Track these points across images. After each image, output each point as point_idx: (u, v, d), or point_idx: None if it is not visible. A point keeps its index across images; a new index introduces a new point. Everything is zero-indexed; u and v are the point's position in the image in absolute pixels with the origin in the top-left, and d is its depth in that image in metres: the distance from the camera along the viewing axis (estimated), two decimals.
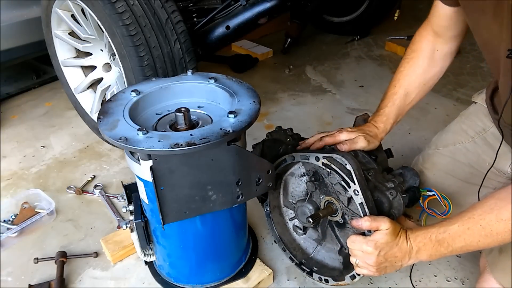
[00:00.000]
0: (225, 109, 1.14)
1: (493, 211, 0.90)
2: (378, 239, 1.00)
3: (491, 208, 0.91)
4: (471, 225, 0.92)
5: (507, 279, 1.08)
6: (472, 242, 0.93)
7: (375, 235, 1.01)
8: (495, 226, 0.89)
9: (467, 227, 0.93)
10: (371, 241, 1.01)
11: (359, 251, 1.04)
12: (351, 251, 1.07)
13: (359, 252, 1.04)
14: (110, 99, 1.15)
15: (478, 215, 0.92)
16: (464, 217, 0.94)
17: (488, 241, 0.92)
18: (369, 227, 1.02)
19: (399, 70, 1.29)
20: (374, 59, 3.06)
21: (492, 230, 0.90)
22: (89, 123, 2.13)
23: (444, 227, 0.96)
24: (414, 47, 1.28)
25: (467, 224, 0.93)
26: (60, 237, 1.62)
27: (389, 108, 1.26)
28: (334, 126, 2.27)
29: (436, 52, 1.26)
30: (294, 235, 1.42)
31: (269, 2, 1.99)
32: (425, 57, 1.27)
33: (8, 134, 2.30)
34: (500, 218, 0.89)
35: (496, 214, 0.89)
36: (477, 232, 0.92)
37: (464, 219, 0.94)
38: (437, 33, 1.24)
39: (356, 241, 1.04)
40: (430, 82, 1.29)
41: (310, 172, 1.25)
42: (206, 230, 1.21)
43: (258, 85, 2.71)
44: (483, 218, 0.91)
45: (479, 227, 0.91)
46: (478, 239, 0.92)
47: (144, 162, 1.00)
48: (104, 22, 1.60)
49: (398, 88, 1.26)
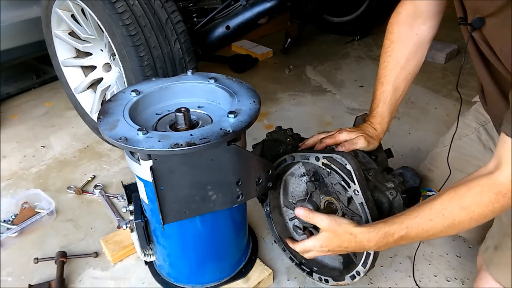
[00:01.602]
0: (225, 109, 1.14)
1: (453, 199, 0.89)
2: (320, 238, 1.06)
3: (451, 197, 0.90)
4: (433, 216, 0.91)
5: (503, 274, 1.08)
6: (434, 233, 0.93)
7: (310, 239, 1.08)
8: (458, 215, 0.88)
9: (429, 219, 0.92)
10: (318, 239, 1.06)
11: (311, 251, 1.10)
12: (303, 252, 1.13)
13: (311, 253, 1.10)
14: (110, 99, 1.15)
15: (439, 205, 0.91)
16: (425, 209, 0.93)
17: (450, 230, 0.92)
18: (303, 217, 1.07)
19: (383, 65, 1.25)
20: (374, 59, 3.06)
21: (455, 219, 0.89)
22: (89, 123, 2.13)
23: (405, 223, 0.95)
24: (392, 37, 1.24)
25: (429, 215, 0.92)
26: (60, 237, 1.62)
27: (381, 107, 1.24)
28: (334, 126, 2.27)
29: (416, 37, 1.22)
30: (294, 235, 1.42)
31: (269, 2, 1.99)
32: (406, 45, 1.22)
33: (8, 134, 2.30)
34: (462, 206, 0.88)
35: (458, 203, 0.88)
36: (440, 222, 0.91)
37: (425, 211, 0.93)
38: (417, 11, 1.20)
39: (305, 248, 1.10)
40: (415, 69, 1.26)
41: (310, 172, 1.25)
42: (206, 230, 1.21)
43: (258, 85, 2.72)
44: (445, 208, 0.90)
45: (442, 217, 0.90)
46: (441, 229, 0.91)
47: (144, 162, 1.00)
48: (104, 22, 1.60)
49: (386, 85, 1.23)
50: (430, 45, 1.26)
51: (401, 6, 1.23)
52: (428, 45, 1.25)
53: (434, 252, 1.51)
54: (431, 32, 1.23)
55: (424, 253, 1.51)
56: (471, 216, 0.88)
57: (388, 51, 1.24)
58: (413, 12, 1.20)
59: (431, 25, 1.22)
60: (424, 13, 1.19)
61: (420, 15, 1.20)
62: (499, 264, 1.10)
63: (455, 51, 3.03)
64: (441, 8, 1.18)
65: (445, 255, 1.51)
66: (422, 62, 1.27)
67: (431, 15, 1.19)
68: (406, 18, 1.22)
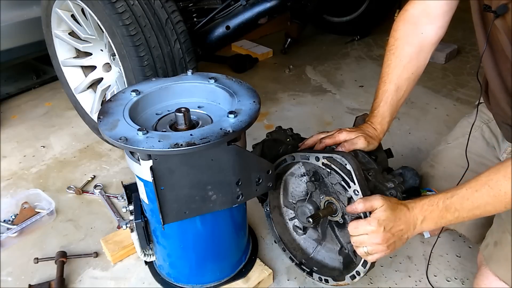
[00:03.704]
0: (225, 109, 1.14)
1: (500, 171, 0.91)
2: (379, 216, 0.98)
3: (498, 169, 0.91)
4: (479, 187, 0.93)
5: (503, 269, 1.09)
6: (480, 205, 0.93)
7: (374, 213, 0.99)
8: (504, 185, 0.89)
9: (475, 189, 0.93)
10: (373, 219, 0.98)
11: (363, 234, 1.01)
12: (356, 240, 1.03)
13: (364, 236, 1.01)
14: (110, 99, 1.15)
15: (485, 177, 0.92)
16: (471, 181, 0.94)
17: (496, 202, 0.92)
18: (364, 209, 1.01)
19: (386, 63, 1.23)
20: (374, 59, 3.06)
21: (501, 189, 0.90)
22: (89, 123, 2.13)
23: (451, 192, 0.96)
24: (396, 35, 1.22)
25: (475, 186, 0.93)
26: (60, 237, 1.62)
27: (383, 107, 1.23)
28: (334, 126, 2.27)
29: (421, 36, 1.20)
30: (294, 235, 1.42)
31: (269, 2, 1.99)
32: (409, 43, 1.21)
33: (8, 134, 2.30)
34: (508, 176, 0.89)
35: (504, 174, 0.90)
36: (486, 193, 0.92)
37: (472, 183, 0.94)
38: (425, 9, 1.18)
39: (358, 225, 1.01)
40: (419, 70, 1.24)
41: (310, 172, 1.25)
42: (206, 230, 1.21)
43: (258, 85, 2.72)
44: (491, 179, 0.91)
45: (487, 187, 0.91)
46: (487, 200, 0.92)
47: (144, 162, 1.00)
48: (104, 22, 1.60)
49: (388, 84, 1.22)
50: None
51: (410, 4, 1.21)
52: (433, 48, 1.23)
53: (434, 252, 1.51)
54: (438, 33, 1.21)
55: (424, 253, 1.51)
56: None
57: (392, 49, 1.23)
58: (421, 10, 1.19)
59: (438, 25, 1.19)
60: (432, 12, 1.17)
61: (428, 14, 1.18)
62: (499, 259, 1.11)
63: (455, 51, 3.03)
64: (450, 7, 1.16)
65: (445, 255, 1.51)
66: (426, 64, 1.25)
67: (439, 13, 1.17)
68: (412, 16, 1.20)
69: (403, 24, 1.22)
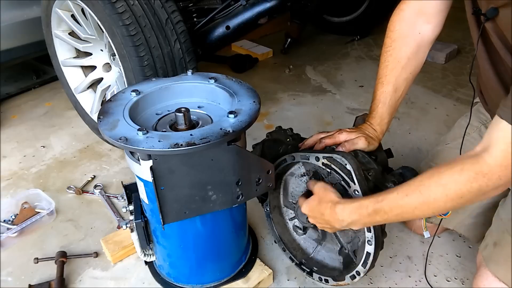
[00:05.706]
0: (225, 109, 1.14)
1: (433, 177, 0.89)
2: (310, 201, 1.12)
3: (431, 174, 0.90)
4: (410, 192, 0.91)
5: (502, 270, 1.09)
6: (408, 209, 0.92)
7: (306, 201, 1.13)
8: (434, 191, 0.88)
9: (405, 194, 0.92)
10: (305, 204, 1.13)
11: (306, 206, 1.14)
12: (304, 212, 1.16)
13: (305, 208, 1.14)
14: (110, 99, 1.15)
15: (418, 181, 0.91)
16: (404, 185, 0.94)
17: (425, 208, 0.91)
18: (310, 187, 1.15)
19: (383, 64, 1.22)
20: (374, 59, 3.06)
21: (431, 195, 0.88)
22: (89, 123, 2.13)
23: (382, 196, 0.96)
24: (393, 36, 1.21)
25: (406, 191, 0.92)
26: (60, 237, 1.62)
27: (381, 108, 1.22)
28: (334, 126, 2.27)
29: (418, 36, 1.19)
30: (294, 235, 1.42)
31: (269, 2, 1.99)
32: (407, 44, 1.19)
33: (8, 134, 2.30)
34: (439, 183, 0.87)
35: (436, 180, 0.88)
36: (416, 198, 0.90)
37: (404, 187, 0.93)
38: (421, 8, 1.17)
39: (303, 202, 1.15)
40: (416, 69, 1.24)
41: (310, 172, 1.25)
42: (206, 230, 1.21)
43: (258, 85, 2.72)
44: (423, 184, 0.90)
45: (418, 193, 0.90)
46: (415, 205, 0.91)
47: (144, 162, 1.00)
48: (104, 22, 1.60)
49: (387, 86, 1.21)
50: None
51: (405, 3, 1.20)
52: (430, 46, 1.23)
53: (434, 252, 1.51)
54: (434, 32, 1.20)
55: (424, 253, 1.51)
56: (447, 194, 0.86)
57: (389, 49, 1.22)
58: (417, 9, 1.18)
59: (435, 24, 1.19)
60: (429, 11, 1.17)
61: (425, 13, 1.17)
62: (498, 260, 1.11)
63: (455, 51, 3.03)
64: (446, 6, 1.15)
65: (445, 255, 1.51)
66: (423, 62, 1.25)
67: (435, 12, 1.16)
68: (409, 16, 1.19)
69: (399, 24, 1.20)
